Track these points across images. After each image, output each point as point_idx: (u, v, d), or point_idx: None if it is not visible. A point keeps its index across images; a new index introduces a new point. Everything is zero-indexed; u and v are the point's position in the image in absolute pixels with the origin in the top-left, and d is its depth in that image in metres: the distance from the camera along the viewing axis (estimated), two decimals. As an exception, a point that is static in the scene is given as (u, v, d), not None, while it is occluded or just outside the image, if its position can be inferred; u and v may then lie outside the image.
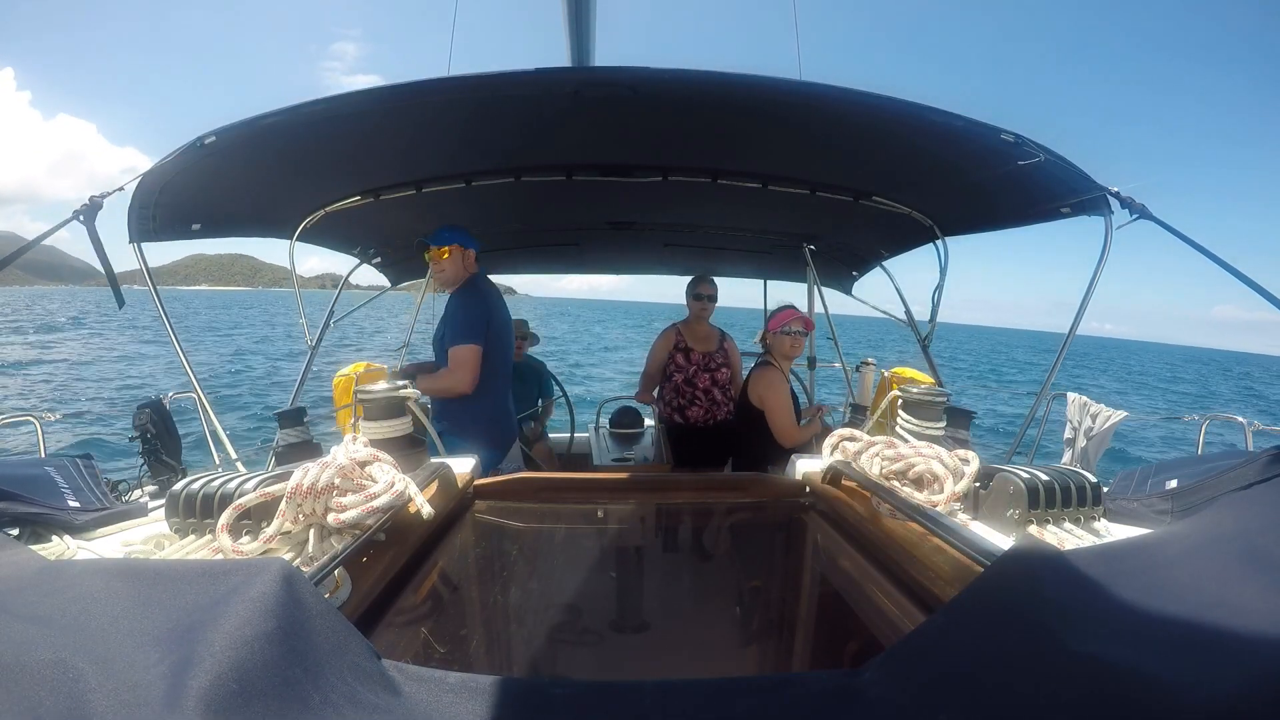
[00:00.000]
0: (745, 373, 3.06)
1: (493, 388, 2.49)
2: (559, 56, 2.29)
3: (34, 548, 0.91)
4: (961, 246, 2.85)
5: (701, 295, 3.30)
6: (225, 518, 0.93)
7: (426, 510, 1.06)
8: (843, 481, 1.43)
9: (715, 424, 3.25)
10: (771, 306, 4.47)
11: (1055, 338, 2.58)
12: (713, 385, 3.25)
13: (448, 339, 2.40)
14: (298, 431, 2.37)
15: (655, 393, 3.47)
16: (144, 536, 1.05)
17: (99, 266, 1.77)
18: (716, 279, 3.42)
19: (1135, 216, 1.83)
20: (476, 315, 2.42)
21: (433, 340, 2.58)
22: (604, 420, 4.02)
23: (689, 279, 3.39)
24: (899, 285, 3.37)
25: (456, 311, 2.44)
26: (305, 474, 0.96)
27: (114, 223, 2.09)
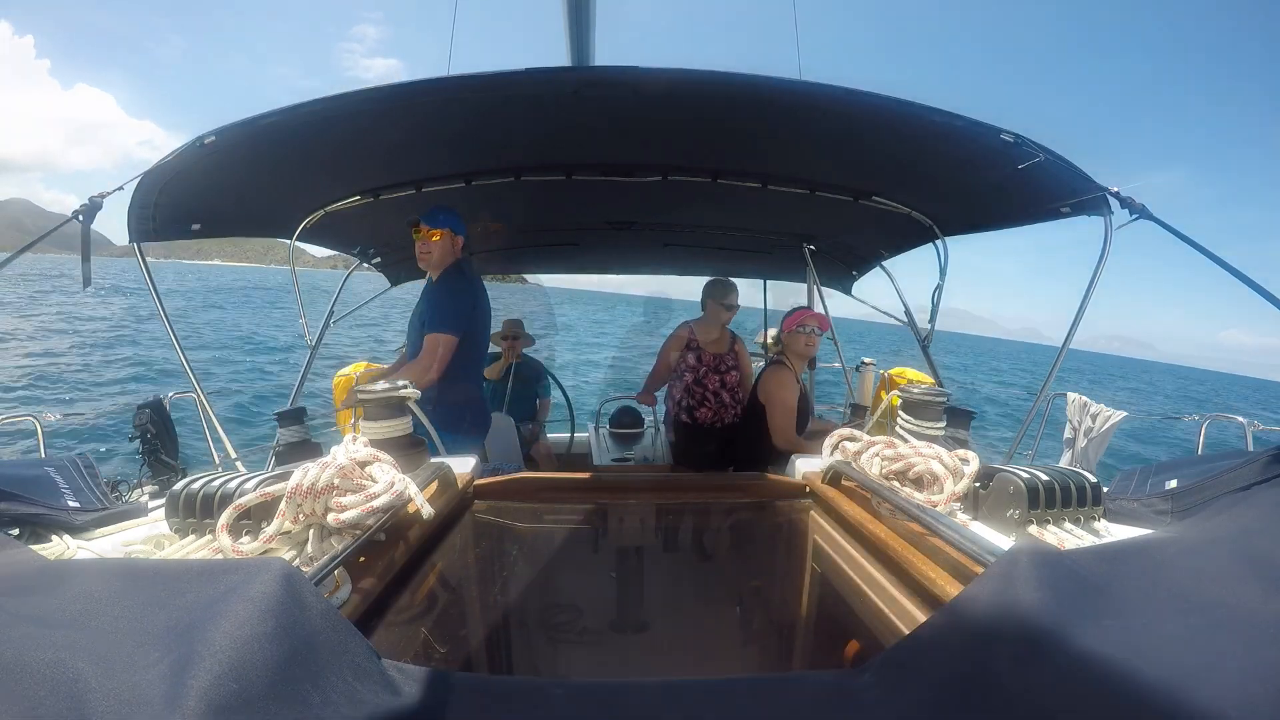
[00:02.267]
0: (756, 375, 3.04)
1: (473, 375, 2.48)
2: (559, 56, 2.29)
3: (34, 548, 0.91)
4: (956, 271, 2.83)
5: (732, 306, 3.25)
6: (225, 518, 0.93)
7: (426, 510, 1.06)
8: (843, 481, 1.43)
9: (723, 426, 3.25)
10: (771, 306, 4.49)
11: (1052, 351, 2.55)
12: (722, 388, 3.24)
13: (428, 324, 2.31)
14: (298, 431, 2.37)
15: (664, 391, 3.45)
16: (144, 536, 1.05)
17: (111, 238, 1.79)
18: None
19: (1135, 216, 1.83)
20: (463, 305, 2.35)
21: (409, 324, 2.49)
22: (604, 420, 4.02)
23: (709, 279, 3.34)
24: (899, 285, 3.37)
25: (442, 298, 2.36)
26: (305, 474, 0.96)
27: (116, 223, 2.10)
